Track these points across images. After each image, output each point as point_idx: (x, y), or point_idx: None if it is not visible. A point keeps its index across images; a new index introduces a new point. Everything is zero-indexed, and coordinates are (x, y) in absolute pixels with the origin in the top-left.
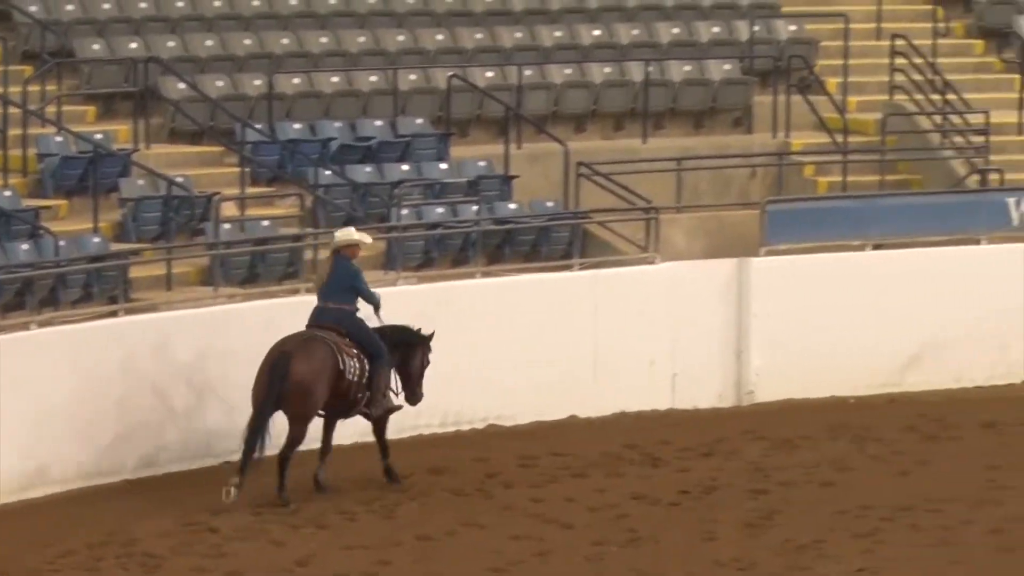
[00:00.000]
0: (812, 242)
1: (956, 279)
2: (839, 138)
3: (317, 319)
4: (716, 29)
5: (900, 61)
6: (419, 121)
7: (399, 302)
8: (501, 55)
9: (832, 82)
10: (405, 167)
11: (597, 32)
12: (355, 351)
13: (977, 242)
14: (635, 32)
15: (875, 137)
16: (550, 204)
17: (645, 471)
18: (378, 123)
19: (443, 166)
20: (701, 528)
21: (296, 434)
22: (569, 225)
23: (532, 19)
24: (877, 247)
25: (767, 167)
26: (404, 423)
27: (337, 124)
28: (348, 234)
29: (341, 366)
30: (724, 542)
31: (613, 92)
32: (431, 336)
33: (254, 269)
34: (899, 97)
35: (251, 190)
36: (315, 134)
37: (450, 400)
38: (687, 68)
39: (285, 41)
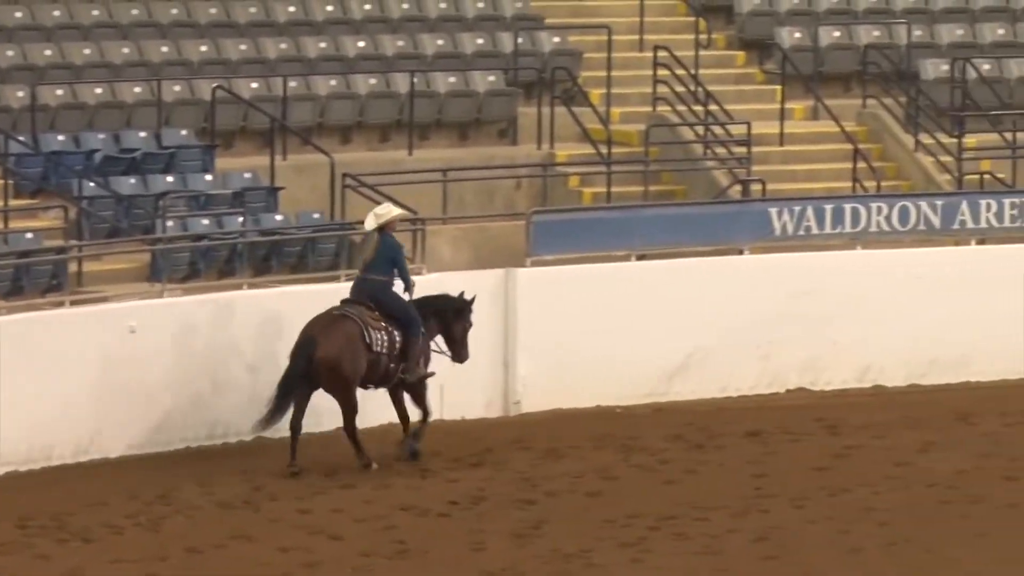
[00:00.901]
0: (577, 252)
1: (719, 289)
2: (603, 149)
3: (356, 289)
4: (480, 41)
5: (663, 72)
6: (183, 132)
7: (165, 315)
8: (266, 66)
9: (596, 93)
10: (170, 179)
11: (362, 44)
12: (383, 324)
13: (740, 252)
14: (400, 43)
15: (639, 148)
16: (316, 215)
17: (414, 482)
18: (142, 134)
19: (208, 177)
20: (470, 539)
21: (345, 407)
22: (335, 236)
23: (296, 30)
24: (641, 257)
25: (532, 178)
26: (172, 434)
27: (101, 136)
28: (389, 210)
29: (367, 339)
30: (492, 552)
31: (378, 103)
32: (472, 300)
33: (18, 282)
34: (662, 108)
35: (14, 202)
36: (79, 146)
37: (219, 413)
38: (452, 80)
39: (48, 52)
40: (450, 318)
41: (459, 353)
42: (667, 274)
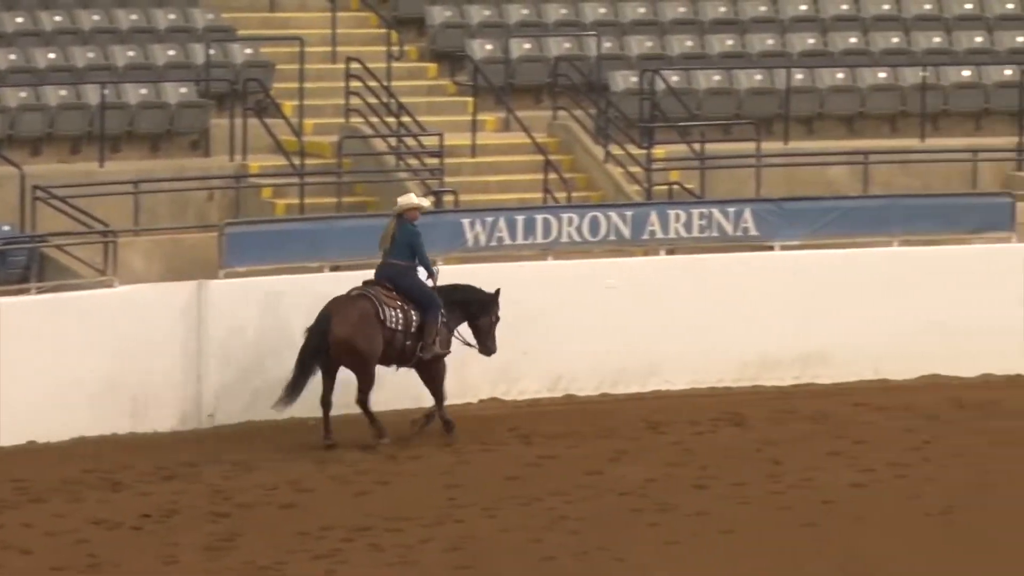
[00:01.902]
0: (271, 264)
1: None
2: (296, 160)
3: (377, 273)
4: (172, 52)
5: (355, 84)
6: None
7: None
8: None
9: (288, 105)
10: None
11: (52, 55)
12: (399, 303)
13: (434, 263)
14: (91, 55)
15: (331, 159)
16: (6, 228)
17: (105, 495)
18: None
19: None
20: (163, 552)
21: (361, 382)
22: (26, 249)
23: None
24: (335, 268)
25: (225, 190)
26: None
27: None
28: (409, 199)
29: (382, 316)
30: (185, 565)
31: (69, 115)
32: (498, 293)
33: None
34: (355, 120)
35: None
36: None
37: None
38: (143, 91)
39: None
40: (475, 310)
41: (485, 345)
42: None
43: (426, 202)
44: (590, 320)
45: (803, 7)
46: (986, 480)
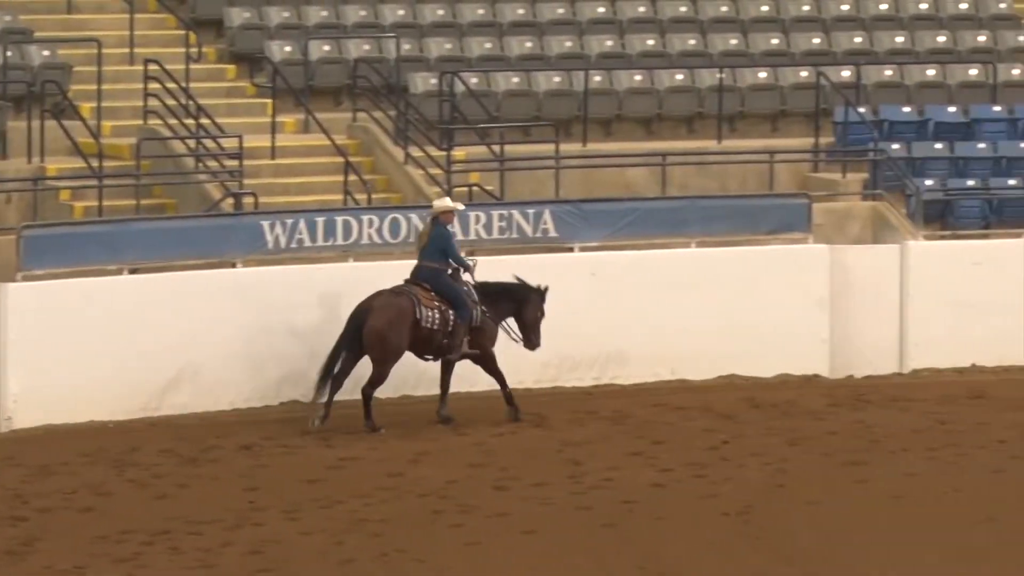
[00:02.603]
0: (69, 267)
1: (212, 302)
2: (94, 163)
3: (414, 275)
4: None
5: (154, 86)
6: None
7: None
8: None
9: (86, 107)
10: None
11: None
12: (436, 303)
13: (233, 265)
14: None
15: (130, 161)
16: None
17: None
18: None
19: None
20: None
21: (376, 375)
22: None
23: None
24: (133, 271)
25: (23, 192)
26: None
27: None
28: (444, 202)
29: (418, 315)
30: None
31: None
32: (544, 289)
33: None
34: (153, 122)
35: None
36: None
37: None
38: None
39: None
40: (521, 304)
41: (529, 339)
42: (160, 288)
43: (461, 205)
44: None
45: (601, 10)
46: (783, 480)
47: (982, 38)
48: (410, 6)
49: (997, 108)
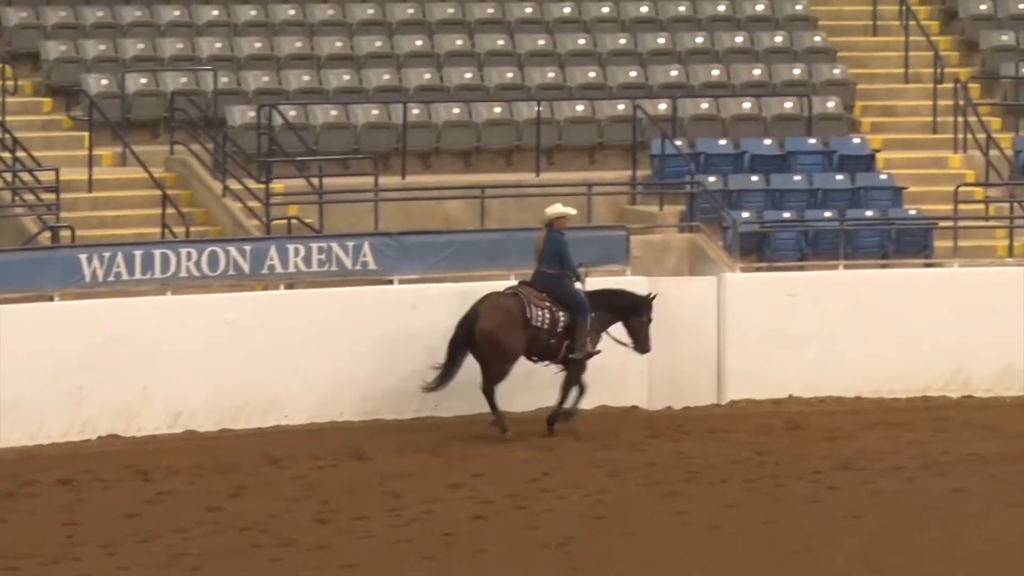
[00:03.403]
0: None
1: (29, 336)
2: None
3: (532, 280)
4: None
5: None
6: None
7: None
8: None
9: None
10: None
11: None
12: (547, 303)
13: (51, 299)
14: None
15: None
16: None
17: None
18: None
19: None
20: None
21: (495, 373)
22: None
23: None
24: None
25: None
26: None
27: None
28: (556, 208)
29: (528, 315)
30: None
31: None
32: (652, 297)
33: None
34: None
35: None
36: None
37: None
38: None
39: None
40: (626, 312)
41: (640, 345)
42: None
43: (573, 211)
44: (210, 355)
45: (419, 43)
46: (602, 511)
47: (797, 71)
48: (227, 39)
49: (812, 140)
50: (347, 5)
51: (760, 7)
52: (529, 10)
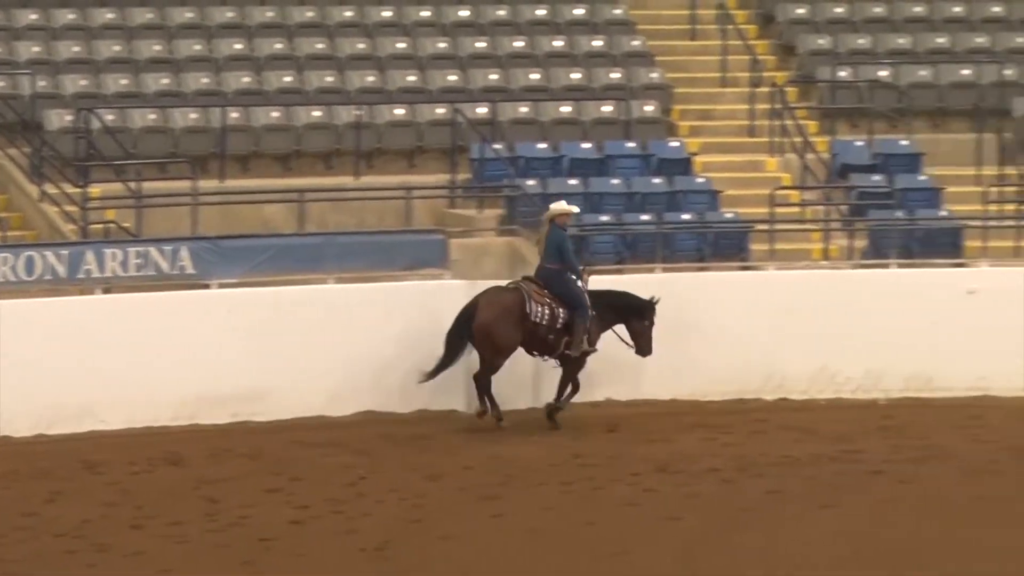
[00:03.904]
0: None
1: None
2: None
3: (536, 275)
4: None
5: None
6: None
7: None
8: None
9: None
10: None
11: None
12: (548, 299)
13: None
14: None
15: None
16: None
17: None
18: None
19: None
20: None
21: (490, 363)
22: None
23: None
24: None
25: None
26: None
27: None
28: (560, 205)
29: (527, 310)
30: None
31: None
32: (655, 301)
33: None
34: None
35: None
36: None
37: None
38: None
39: None
40: (628, 314)
41: (642, 347)
42: None
43: (575, 208)
44: (24, 360)
45: (238, 46)
46: (420, 515)
47: (615, 75)
48: (45, 43)
49: (630, 144)
50: (166, 9)
51: (579, 11)
52: (349, 14)
